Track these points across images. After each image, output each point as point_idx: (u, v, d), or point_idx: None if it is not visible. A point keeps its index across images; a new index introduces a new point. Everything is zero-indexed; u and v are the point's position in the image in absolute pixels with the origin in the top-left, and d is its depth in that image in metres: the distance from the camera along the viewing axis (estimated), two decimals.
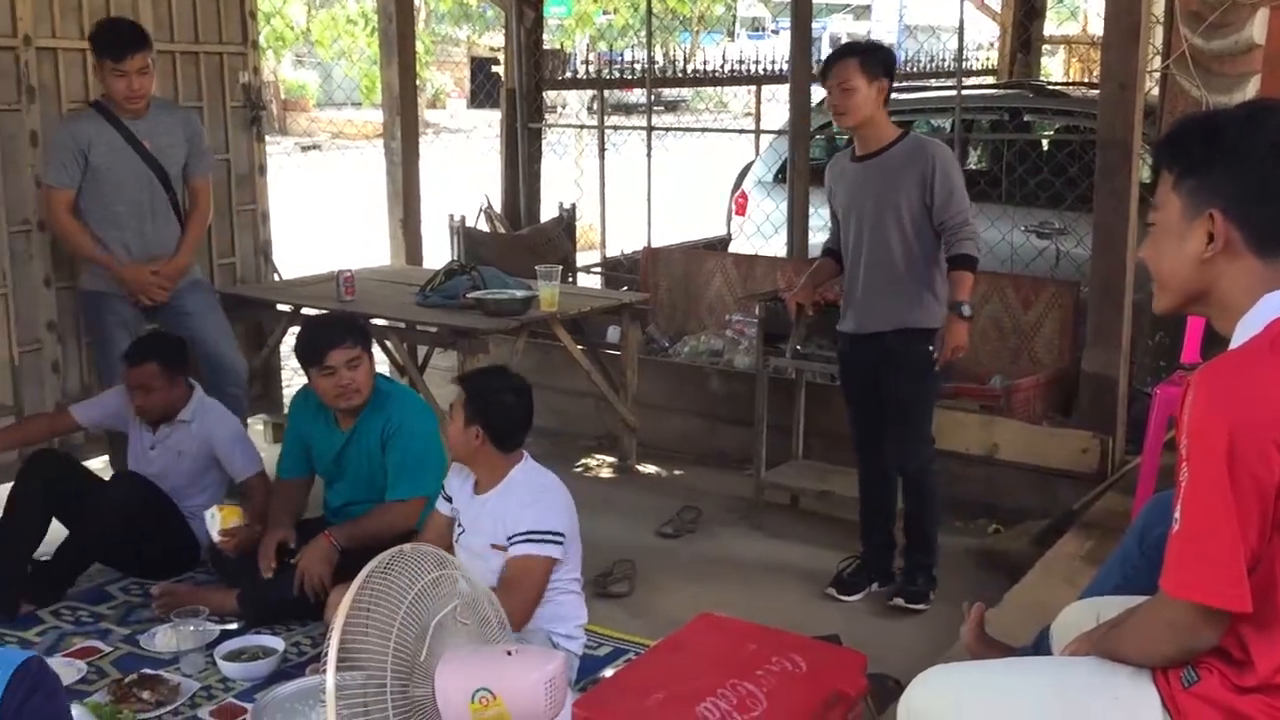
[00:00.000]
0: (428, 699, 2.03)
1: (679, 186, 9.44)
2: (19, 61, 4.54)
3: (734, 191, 7.74)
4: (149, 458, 4.16)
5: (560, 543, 3.18)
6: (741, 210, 7.37)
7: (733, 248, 7.26)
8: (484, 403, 3.26)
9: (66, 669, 3.46)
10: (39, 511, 3.92)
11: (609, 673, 3.43)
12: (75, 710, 3.07)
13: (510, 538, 3.15)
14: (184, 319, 4.57)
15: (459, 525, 3.37)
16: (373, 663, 1.98)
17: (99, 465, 4.81)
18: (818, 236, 6.30)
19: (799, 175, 6.15)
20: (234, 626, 3.71)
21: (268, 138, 5.71)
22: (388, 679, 1.97)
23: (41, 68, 4.62)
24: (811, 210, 6.16)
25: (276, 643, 3.58)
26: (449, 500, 3.46)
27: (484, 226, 7.14)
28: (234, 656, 3.51)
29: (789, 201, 6.30)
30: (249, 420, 5.32)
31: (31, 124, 4.54)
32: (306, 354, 3.75)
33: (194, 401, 4.16)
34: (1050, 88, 7.56)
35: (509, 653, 2.07)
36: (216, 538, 3.81)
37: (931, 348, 3.75)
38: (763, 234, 6.89)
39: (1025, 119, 6.80)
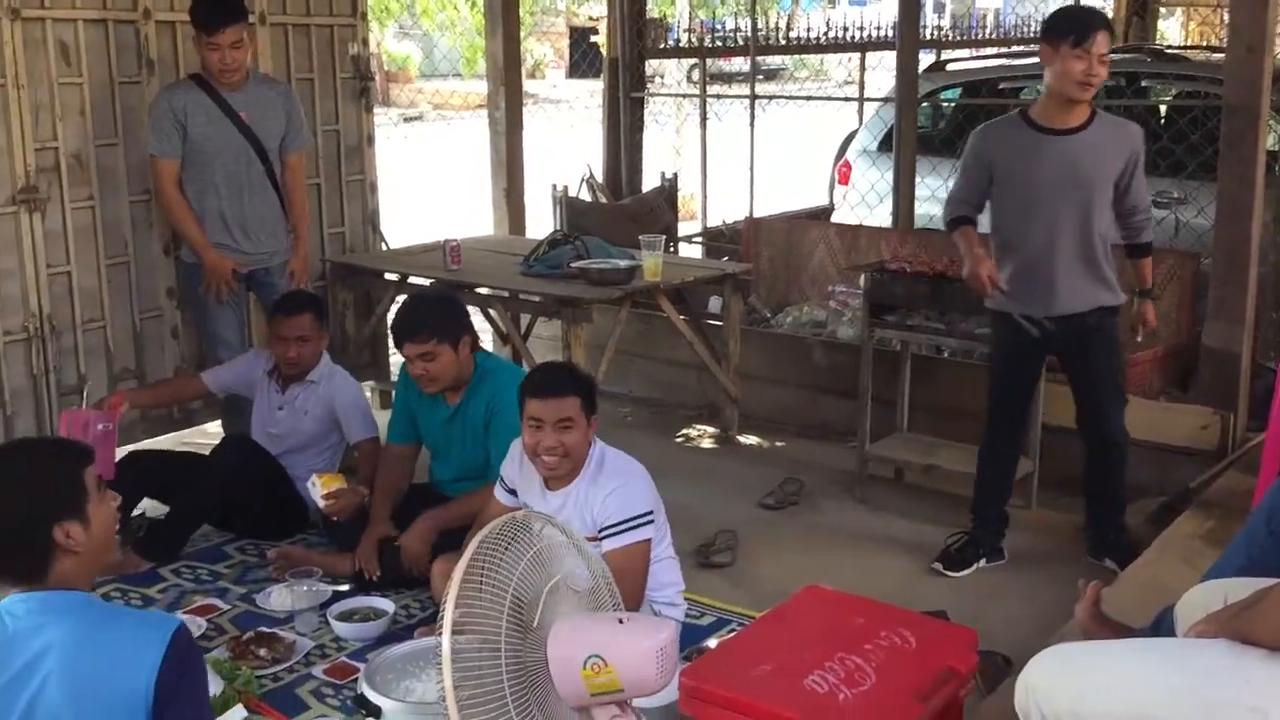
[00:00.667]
0: (540, 665, 2.05)
1: (780, 156, 9.35)
2: (139, 35, 4.67)
3: (837, 161, 7.63)
4: (275, 418, 4.27)
5: (651, 521, 3.14)
6: (844, 180, 7.27)
7: (835, 218, 7.16)
8: (593, 393, 3.22)
9: (188, 625, 3.58)
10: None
11: (712, 642, 3.44)
12: None
13: (601, 530, 3.10)
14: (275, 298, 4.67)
15: None
16: (486, 628, 2.00)
17: (213, 428, 4.96)
18: (924, 207, 6.20)
19: (905, 144, 6.03)
20: (346, 588, 3.80)
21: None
22: (502, 644, 1.99)
23: (160, 41, 4.74)
24: (918, 180, 6.05)
25: (387, 605, 3.66)
26: (512, 493, 3.40)
27: (586, 196, 7.16)
28: (346, 617, 3.60)
29: (894, 171, 6.19)
30: None
31: (151, 96, 4.65)
32: (393, 337, 3.87)
33: (323, 364, 4.26)
34: (1169, 51, 7.29)
35: (620, 621, 2.08)
36: (321, 504, 3.91)
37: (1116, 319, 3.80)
38: (867, 204, 6.80)
39: (1142, 84, 6.57)
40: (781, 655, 2.57)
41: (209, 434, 4.95)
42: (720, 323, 5.44)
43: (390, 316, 4.44)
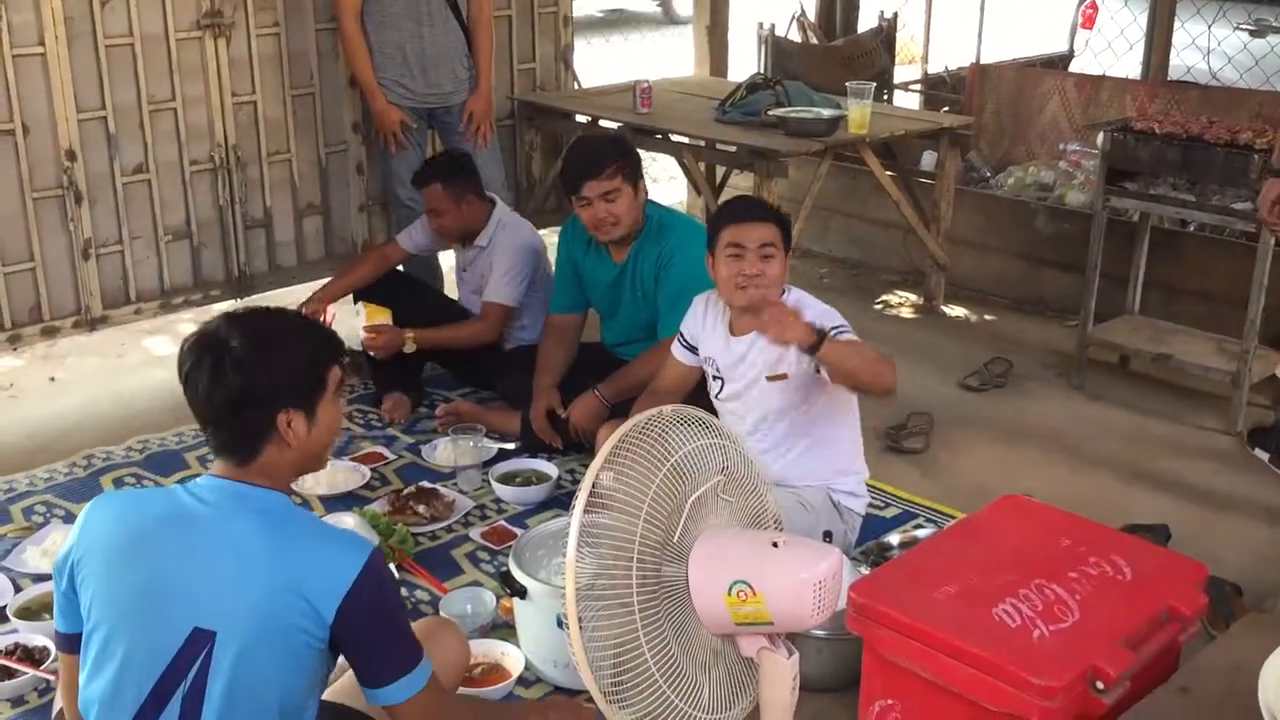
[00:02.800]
0: (679, 581, 1.79)
1: None
2: None
3: (1082, 1, 6.84)
4: (462, 278, 4.09)
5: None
6: (1089, 23, 6.56)
7: (1075, 66, 6.46)
8: (790, 230, 2.95)
9: (352, 474, 3.53)
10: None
11: (894, 538, 3.13)
12: (352, 519, 3.11)
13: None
14: (457, 140, 4.43)
15: (716, 379, 3.05)
16: (619, 538, 1.75)
17: None
18: (1181, 56, 5.46)
19: None
20: (511, 447, 3.66)
21: None
22: (634, 555, 1.74)
23: None
24: (1177, 24, 5.29)
25: (550, 469, 3.51)
26: (693, 350, 3.13)
27: (795, 36, 6.64)
28: (509, 479, 3.47)
29: (1149, 12, 5.44)
30: (542, 231, 5.20)
31: None
32: (565, 183, 3.56)
33: (491, 225, 3.96)
34: None
35: (775, 544, 1.78)
36: (361, 334, 3.79)
37: None
38: (1113, 51, 6.07)
39: None
40: (969, 576, 2.25)
41: None
42: (932, 181, 4.97)
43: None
